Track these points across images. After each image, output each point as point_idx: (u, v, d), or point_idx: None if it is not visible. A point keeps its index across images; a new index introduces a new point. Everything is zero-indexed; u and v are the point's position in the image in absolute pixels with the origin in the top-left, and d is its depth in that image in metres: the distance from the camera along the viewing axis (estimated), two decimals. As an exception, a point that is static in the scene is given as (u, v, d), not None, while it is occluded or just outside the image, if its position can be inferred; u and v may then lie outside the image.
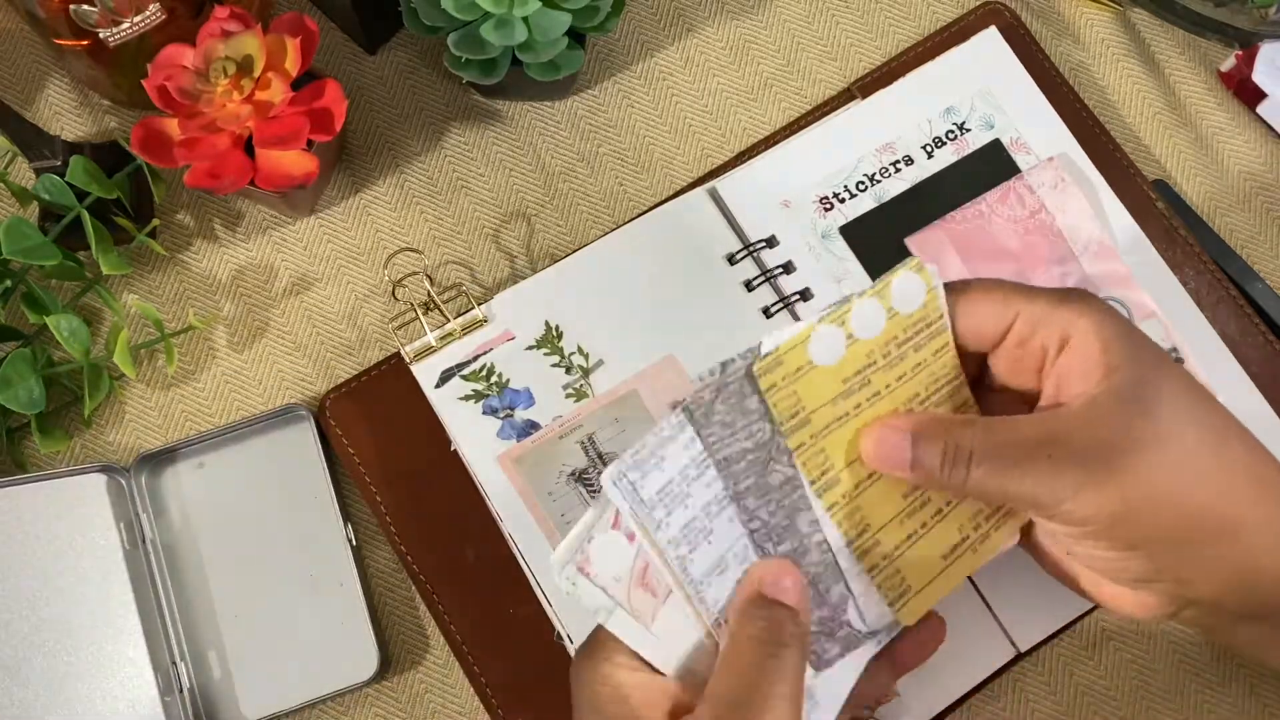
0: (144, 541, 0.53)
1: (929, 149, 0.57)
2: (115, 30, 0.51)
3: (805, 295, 0.55)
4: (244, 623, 0.53)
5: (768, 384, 0.37)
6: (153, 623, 0.52)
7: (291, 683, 0.52)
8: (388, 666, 0.53)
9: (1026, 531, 0.43)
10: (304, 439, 0.54)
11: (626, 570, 0.38)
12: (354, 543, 0.54)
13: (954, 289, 0.40)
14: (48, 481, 0.52)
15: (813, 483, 0.39)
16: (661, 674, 0.39)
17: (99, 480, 0.53)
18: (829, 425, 0.39)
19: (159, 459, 0.54)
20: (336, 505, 0.53)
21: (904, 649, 0.43)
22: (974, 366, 0.42)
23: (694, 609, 0.38)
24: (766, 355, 0.37)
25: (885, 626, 0.41)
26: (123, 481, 0.53)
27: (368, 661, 0.52)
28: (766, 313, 0.55)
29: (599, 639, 0.39)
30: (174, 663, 0.52)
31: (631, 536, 0.38)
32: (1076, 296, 0.38)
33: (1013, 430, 0.37)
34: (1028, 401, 0.40)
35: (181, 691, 0.51)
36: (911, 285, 0.39)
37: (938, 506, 0.41)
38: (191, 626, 0.53)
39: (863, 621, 0.41)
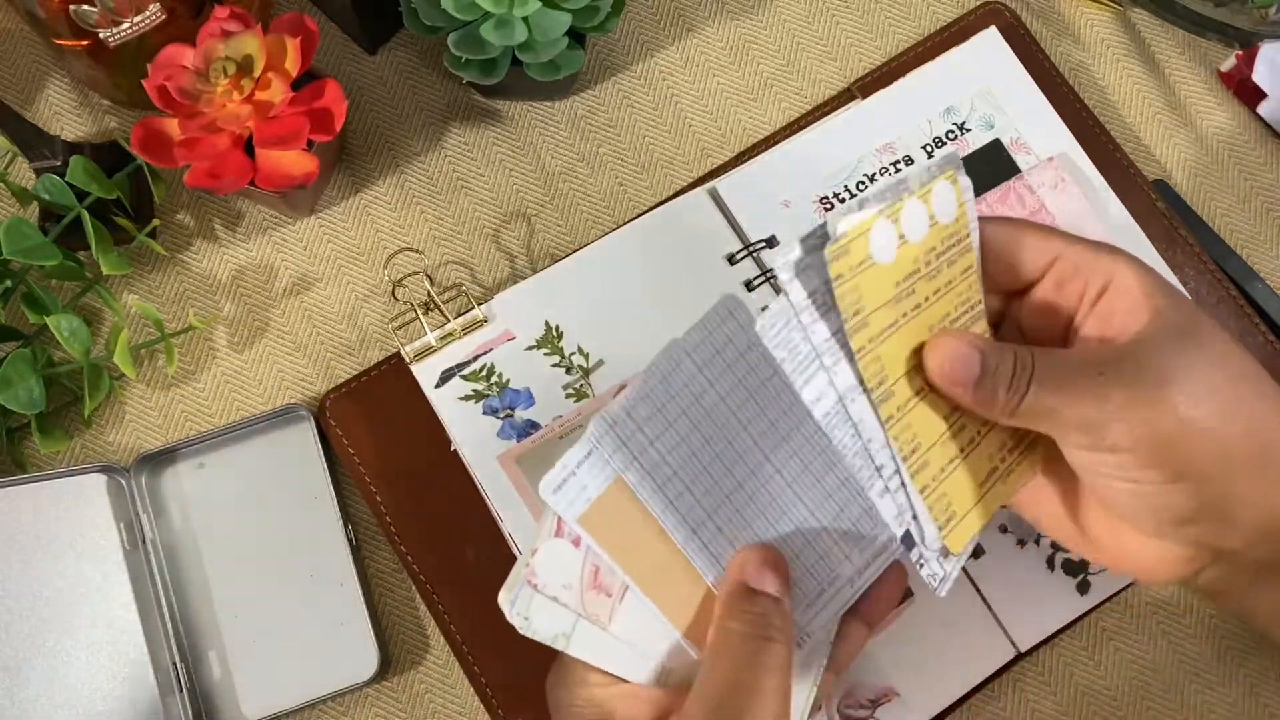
0: (144, 541, 0.53)
1: (929, 149, 0.57)
2: (115, 30, 0.51)
3: (805, 295, 0.55)
4: (244, 623, 0.53)
5: (836, 271, 0.35)
6: (153, 623, 0.52)
7: (291, 683, 0.52)
8: (388, 666, 0.53)
9: (1043, 502, 0.42)
10: (304, 439, 0.54)
11: (575, 576, 0.38)
12: (354, 543, 0.54)
13: (993, 221, 0.40)
14: (48, 481, 0.52)
15: (872, 391, 0.37)
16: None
17: (99, 480, 0.53)
18: (884, 331, 0.37)
19: (159, 459, 0.54)
20: (336, 505, 0.53)
21: (871, 603, 0.43)
22: (994, 314, 0.42)
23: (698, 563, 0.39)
24: (839, 239, 0.35)
25: (931, 558, 0.40)
26: (123, 481, 0.53)
27: (368, 661, 0.52)
28: (766, 313, 0.55)
29: (568, 662, 0.39)
30: (174, 663, 0.52)
31: (577, 541, 0.38)
32: (1117, 248, 0.39)
33: (1065, 355, 0.38)
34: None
35: (181, 691, 0.51)
36: (948, 195, 0.38)
37: (971, 434, 0.40)
38: (191, 626, 0.53)
39: (923, 542, 0.40)
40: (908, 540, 0.39)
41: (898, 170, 0.57)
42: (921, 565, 0.39)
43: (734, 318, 0.42)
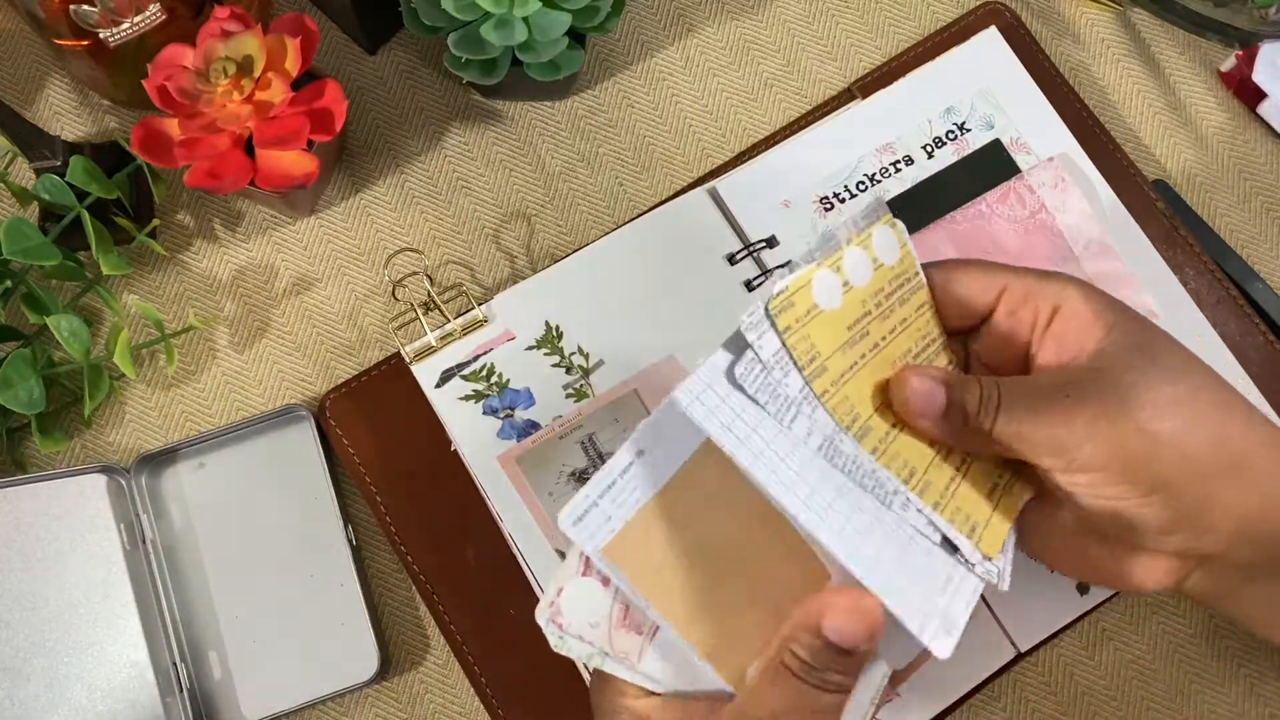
0: (144, 542, 0.53)
1: (929, 149, 0.57)
2: (115, 30, 0.51)
3: (805, 295, 0.55)
4: (244, 623, 0.53)
5: (784, 324, 0.38)
6: (153, 623, 0.52)
7: (291, 683, 0.52)
8: (388, 666, 0.53)
9: (1031, 531, 0.43)
10: (304, 439, 0.54)
11: (604, 616, 0.38)
12: (354, 543, 0.54)
13: (939, 266, 0.41)
14: (48, 482, 0.52)
15: (847, 428, 0.39)
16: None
17: (99, 480, 0.53)
18: (844, 374, 0.39)
19: (159, 459, 0.54)
20: (336, 505, 0.53)
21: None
22: (959, 358, 0.43)
23: None
24: (779, 293, 0.38)
25: (979, 560, 0.40)
26: (123, 482, 0.53)
27: (368, 661, 0.52)
28: (766, 313, 0.55)
29: (603, 676, 0.39)
30: (174, 663, 0.52)
31: (606, 581, 0.38)
32: (1059, 273, 0.40)
33: (1028, 380, 0.39)
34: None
35: (182, 691, 0.51)
36: (888, 238, 0.40)
37: (962, 455, 0.41)
38: (191, 626, 0.53)
39: (965, 561, 0.39)
40: (949, 545, 0.40)
41: (898, 170, 0.57)
42: (974, 566, 0.40)
43: None
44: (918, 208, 0.56)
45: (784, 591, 0.39)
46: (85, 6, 0.49)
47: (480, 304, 0.54)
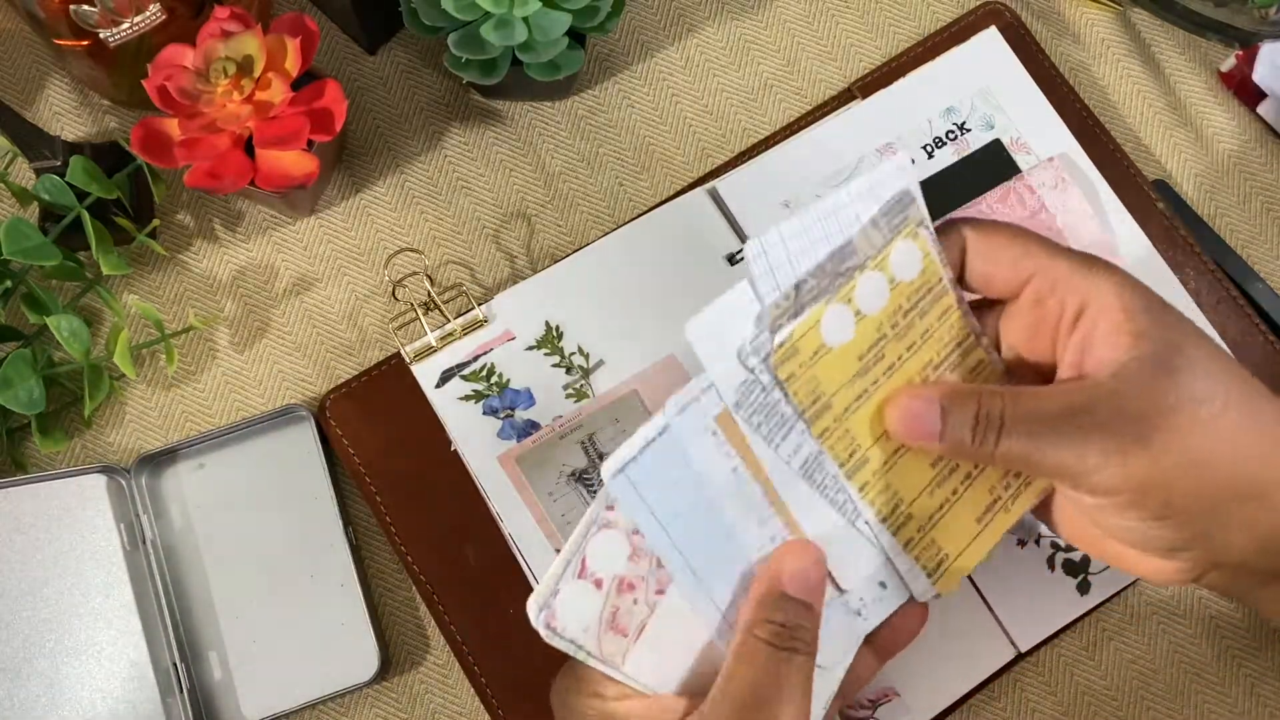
0: (144, 542, 0.53)
1: (929, 149, 0.57)
2: (115, 30, 0.51)
3: (805, 295, 0.55)
4: (244, 623, 0.53)
5: (786, 374, 0.37)
6: (153, 623, 0.52)
7: (291, 683, 0.52)
8: (388, 666, 0.53)
9: (1047, 504, 0.43)
10: (304, 439, 0.54)
11: (595, 618, 0.38)
12: (354, 543, 0.54)
13: (974, 225, 0.39)
14: (48, 482, 0.52)
15: (842, 465, 0.38)
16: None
17: (99, 481, 0.53)
18: (850, 406, 0.38)
19: (159, 459, 0.54)
20: (336, 505, 0.53)
21: (885, 633, 0.43)
22: (993, 327, 0.41)
23: (700, 606, 0.38)
24: (781, 345, 0.37)
25: (929, 598, 0.41)
26: (123, 482, 0.53)
27: (368, 662, 0.52)
28: (766, 313, 0.55)
29: (582, 670, 0.39)
30: (174, 663, 0.52)
31: (599, 584, 0.38)
32: (1098, 262, 0.38)
33: (1040, 399, 0.37)
34: (1043, 375, 0.40)
35: (182, 692, 0.51)
36: (909, 253, 0.39)
37: (966, 471, 0.41)
38: (191, 626, 0.53)
39: (904, 588, 0.41)
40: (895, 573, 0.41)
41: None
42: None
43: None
44: (918, 208, 0.56)
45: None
46: (85, 6, 0.49)
47: (480, 304, 0.54)
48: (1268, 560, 0.37)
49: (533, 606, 0.37)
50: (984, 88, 0.58)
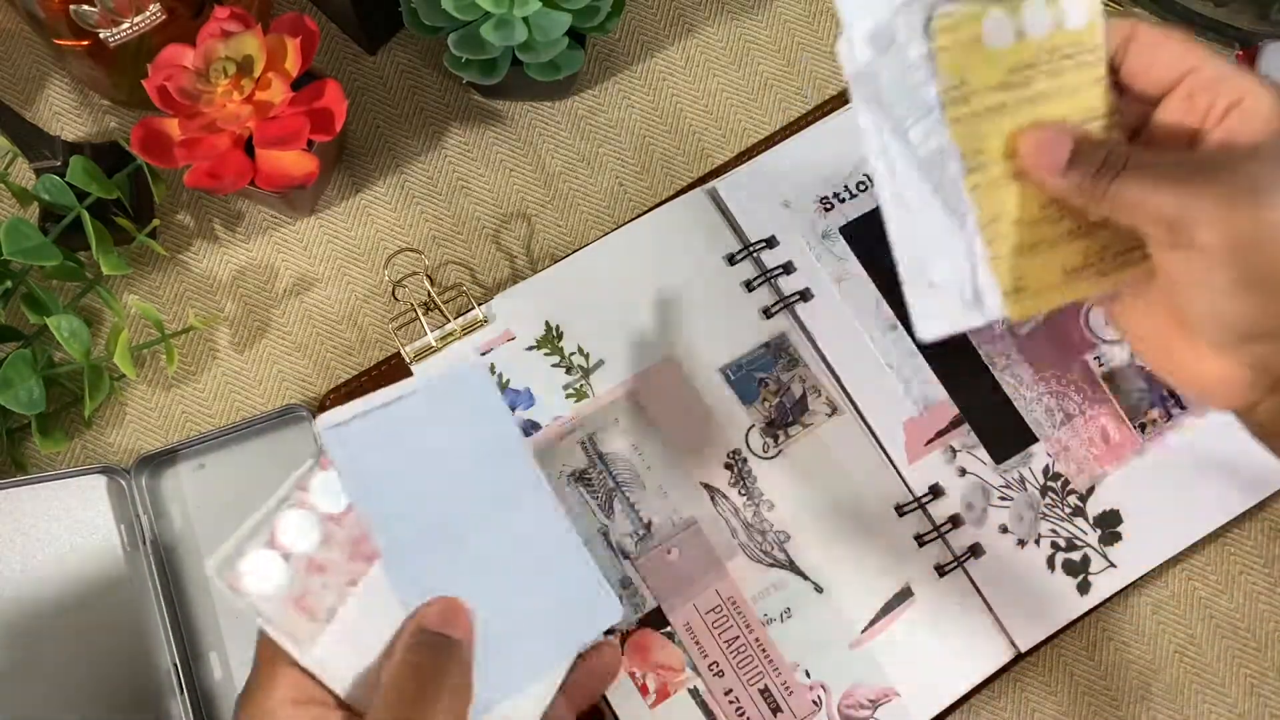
0: (144, 542, 0.53)
1: (929, 149, 0.57)
2: (115, 30, 0.51)
3: (805, 295, 0.55)
4: (244, 623, 0.53)
5: (943, 42, 0.38)
6: (153, 623, 0.52)
7: None
8: None
9: (1122, 301, 0.42)
10: (304, 439, 0.54)
11: (283, 589, 0.37)
12: None
13: (1134, 25, 0.40)
14: (48, 483, 0.52)
15: (963, 156, 0.39)
16: (331, 697, 0.37)
17: (99, 481, 0.53)
18: (987, 109, 0.39)
19: (159, 460, 0.54)
20: None
21: (578, 678, 0.41)
22: (1132, 119, 0.42)
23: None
24: (946, 12, 0.37)
25: (996, 312, 0.41)
26: (123, 482, 0.53)
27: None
28: (767, 313, 0.55)
29: (263, 669, 0.38)
30: (174, 663, 0.52)
31: (287, 557, 0.37)
32: (1251, 71, 0.39)
33: (1167, 154, 0.38)
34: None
35: (182, 692, 0.51)
36: (1079, 3, 0.40)
37: (1069, 228, 0.41)
38: (191, 627, 0.53)
39: (978, 299, 0.40)
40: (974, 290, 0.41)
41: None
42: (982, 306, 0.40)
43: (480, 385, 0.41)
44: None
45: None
46: (85, 6, 0.49)
47: (480, 304, 0.54)
48: None
49: (211, 565, 0.37)
50: (984, 88, 0.57)
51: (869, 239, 0.55)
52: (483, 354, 0.54)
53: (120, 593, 0.52)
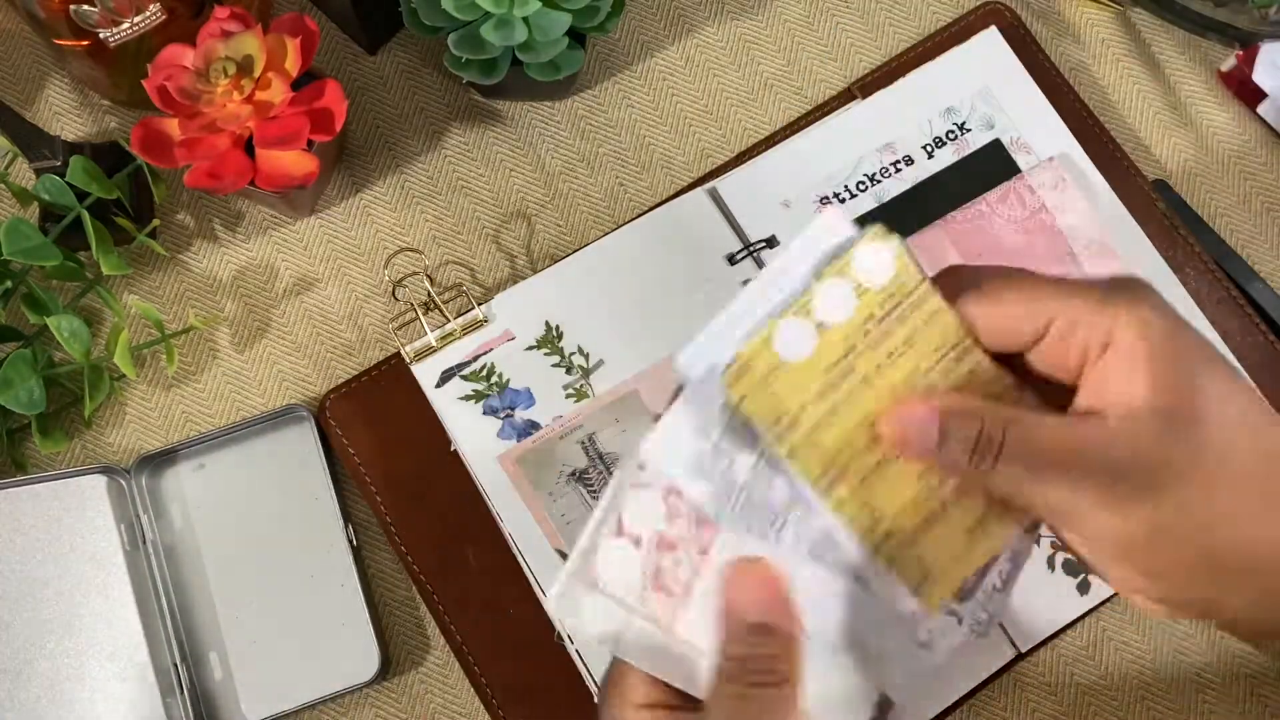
0: (145, 542, 0.53)
1: (929, 149, 0.57)
2: (115, 31, 0.51)
3: (805, 295, 0.55)
4: (244, 623, 0.53)
5: (739, 394, 0.35)
6: (153, 623, 0.52)
7: (292, 683, 0.52)
8: (388, 666, 0.53)
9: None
10: (304, 439, 0.54)
11: (638, 575, 0.36)
12: (354, 543, 0.54)
13: (976, 296, 0.36)
14: (48, 483, 0.52)
15: (814, 482, 0.37)
16: (679, 697, 0.36)
17: (99, 482, 0.53)
18: (820, 422, 0.36)
19: (159, 460, 0.54)
20: (337, 505, 0.53)
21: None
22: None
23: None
24: (729, 365, 0.35)
25: (923, 615, 0.39)
26: (123, 483, 0.53)
27: (368, 662, 0.52)
28: (767, 313, 0.55)
29: (615, 682, 0.37)
30: (174, 663, 0.52)
31: (638, 541, 0.36)
32: (1120, 292, 0.34)
33: (1044, 430, 0.34)
34: (1063, 390, 0.37)
35: (182, 691, 0.51)
36: (877, 257, 0.36)
37: (954, 484, 0.38)
38: (192, 627, 0.53)
39: (896, 613, 0.38)
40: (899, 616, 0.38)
41: (898, 170, 0.57)
42: (929, 631, 0.38)
43: None
44: (918, 208, 0.56)
45: None
46: (85, 6, 0.49)
47: (480, 304, 0.54)
48: (1262, 617, 0.35)
49: (553, 595, 0.36)
50: (984, 88, 0.58)
51: (869, 239, 0.55)
52: (483, 354, 0.54)
53: (121, 593, 0.52)
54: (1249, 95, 0.60)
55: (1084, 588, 0.52)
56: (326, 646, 0.53)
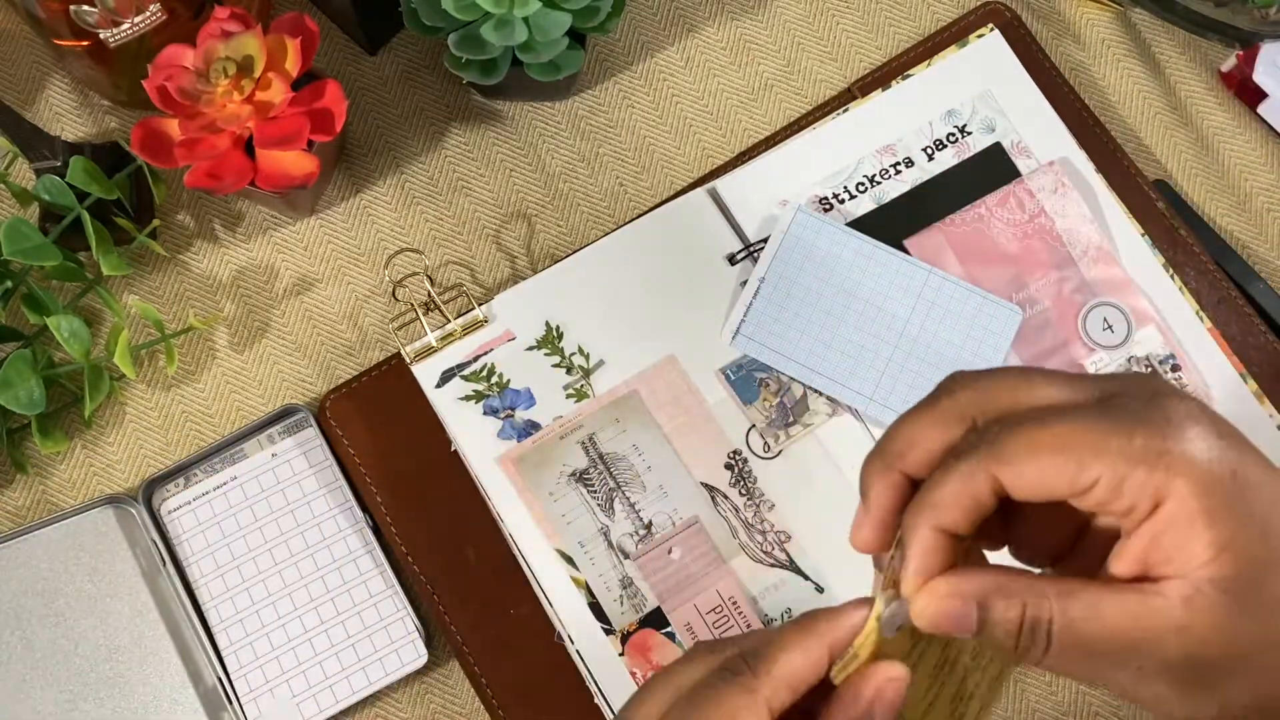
0: (164, 565, 0.52)
1: (930, 151, 0.57)
2: (115, 31, 0.51)
3: (805, 296, 0.55)
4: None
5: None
6: (187, 643, 0.52)
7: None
8: (431, 646, 0.53)
9: None
10: (306, 439, 0.54)
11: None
12: (375, 528, 0.53)
13: (1003, 459, 0.31)
14: (57, 525, 0.52)
15: None
16: None
17: (107, 513, 0.53)
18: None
19: (163, 481, 0.54)
20: (352, 498, 0.53)
21: None
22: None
23: None
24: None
25: None
26: (132, 511, 0.53)
27: (414, 649, 0.52)
28: (767, 313, 0.55)
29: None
30: (219, 678, 0.51)
31: None
32: (1172, 446, 0.29)
33: (1097, 615, 0.30)
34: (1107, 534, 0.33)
35: (232, 704, 0.51)
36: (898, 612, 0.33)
37: (935, 658, 0.35)
38: (227, 640, 0.52)
39: None
40: None
41: (898, 172, 0.56)
42: None
43: None
44: (917, 210, 0.56)
45: None
46: (85, 6, 0.49)
47: (480, 304, 0.54)
48: None
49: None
50: (984, 90, 0.58)
51: (869, 239, 0.55)
52: (483, 354, 0.54)
53: (149, 618, 0.52)
54: (1249, 95, 0.60)
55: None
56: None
